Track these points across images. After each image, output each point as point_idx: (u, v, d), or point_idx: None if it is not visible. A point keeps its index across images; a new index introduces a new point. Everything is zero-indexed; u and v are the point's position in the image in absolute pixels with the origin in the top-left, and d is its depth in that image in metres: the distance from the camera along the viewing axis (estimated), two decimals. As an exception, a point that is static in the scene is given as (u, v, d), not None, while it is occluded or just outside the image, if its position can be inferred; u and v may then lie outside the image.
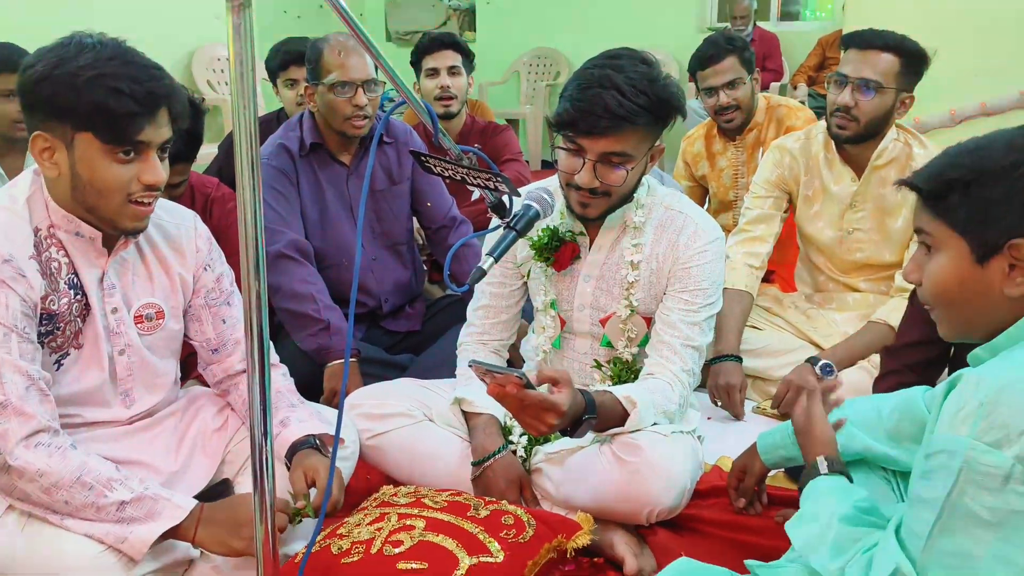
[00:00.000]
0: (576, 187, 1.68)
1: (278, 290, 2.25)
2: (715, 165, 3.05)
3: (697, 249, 1.77)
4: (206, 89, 5.23)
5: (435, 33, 3.25)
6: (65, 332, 1.48)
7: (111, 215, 1.44)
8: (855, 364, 2.26)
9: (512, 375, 1.38)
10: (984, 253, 1.06)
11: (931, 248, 1.12)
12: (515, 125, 6.47)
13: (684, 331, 1.75)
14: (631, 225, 1.80)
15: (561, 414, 1.43)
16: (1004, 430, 0.93)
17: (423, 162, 1.48)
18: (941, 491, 0.97)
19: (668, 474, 1.63)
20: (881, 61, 2.21)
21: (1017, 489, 0.92)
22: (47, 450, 1.36)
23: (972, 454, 0.94)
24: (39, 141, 1.39)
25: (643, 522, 1.66)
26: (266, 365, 1.03)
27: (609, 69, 1.61)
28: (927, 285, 1.13)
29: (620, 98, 1.57)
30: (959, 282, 1.09)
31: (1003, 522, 0.93)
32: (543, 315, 1.89)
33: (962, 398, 0.98)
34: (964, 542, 0.96)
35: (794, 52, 6.31)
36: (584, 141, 1.63)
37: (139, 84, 1.37)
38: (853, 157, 2.37)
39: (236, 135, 0.95)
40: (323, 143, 2.41)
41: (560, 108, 1.65)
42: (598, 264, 1.83)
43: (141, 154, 1.41)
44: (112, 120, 1.36)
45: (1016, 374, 0.97)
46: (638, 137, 1.64)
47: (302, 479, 1.53)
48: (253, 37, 0.93)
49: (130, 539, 1.37)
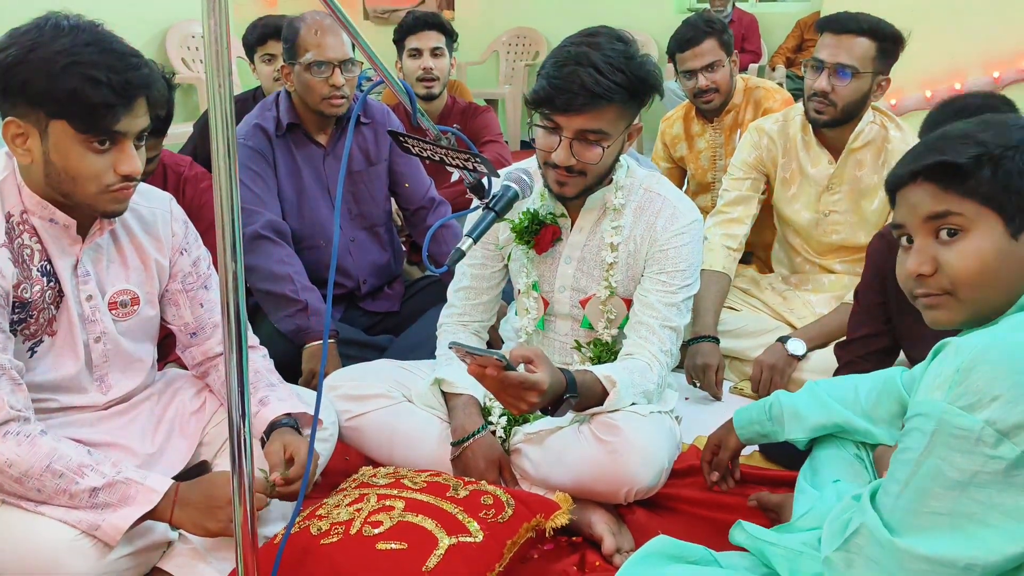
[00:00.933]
0: (553, 165, 1.68)
1: (255, 271, 2.23)
2: (693, 147, 3.06)
3: (675, 231, 1.78)
4: (181, 67, 5.15)
5: (419, 12, 3.20)
6: (38, 320, 1.46)
7: (88, 201, 1.41)
8: (827, 345, 2.28)
9: (492, 357, 1.39)
10: (1019, 225, 1.06)
11: (959, 231, 1.09)
12: (494, 105, 6.44)
13: (662, 312, 1.76)
14: (611, 207, 1.81)
15: (542, 392, 1.44)
16: (977, 395, 0.96)
17: (401, 142, 1.47)
18: (915, 452, 1.01)
19: (646, 454, 1.64)
20: (857, 46, 2.22)
21: (985, 451, 0.95)
22: (16, 439, 1.34)
23: (945, 417, 0.97)
24: (11, 127, 1.35)
25: (621, 501, 1.68)
26: (243, 346, 1.03)
27: (586, 47, 1.61)
28: (959, 268, 1.09)
29: (597, 75, 1.58)
30: (998, 258, 1.07)
31: (970, 481, 0.96)
32: (526, 297, 1.89)
33: (943, 364, 1.01)
34: (932, 500, 0.99)
35: (772, 33, 6.32)
36: (560, 118, 1.63)
37: (117, 73, 1.33)
38: (830, 140, 2.38)
39: (211, 114, 0.94)
40: (300, 123, 2.38)
41: (537, 86, 1.65)
42: (579, 246, 1.84)
43: (117, 143, 1.38)
44: (88, 109, 1.33)
45: (992, 341, 0.99)
46: (614, 114, 1.64)
47: (280, 452, 1.53)
48: (229, 14, 0.91)
49: (103, 526, 1.36)
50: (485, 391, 1.80)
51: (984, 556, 0.95)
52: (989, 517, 0.96)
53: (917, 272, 1.12)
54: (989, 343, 0.99)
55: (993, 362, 0.96)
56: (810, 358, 2.26)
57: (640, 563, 1.27)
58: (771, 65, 6.05)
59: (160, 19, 5.14)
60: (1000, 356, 0.97)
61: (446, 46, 3.12)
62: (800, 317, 2.45)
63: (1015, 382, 0.94)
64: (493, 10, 6.86)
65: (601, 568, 1.59)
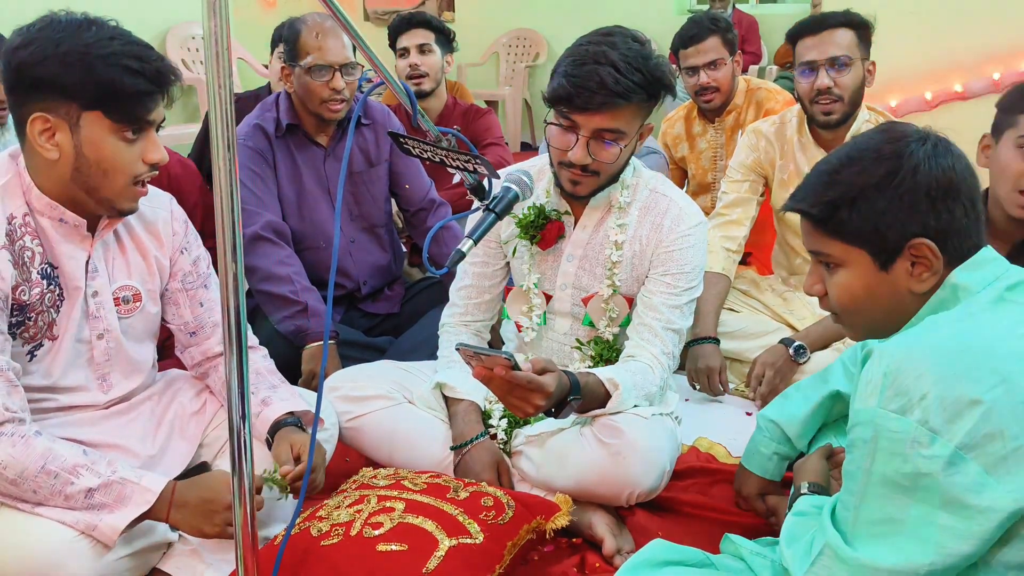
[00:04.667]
0: (568, 165, 1.68)
1: (255, 272, 2.23)
2: (694, 147, 3.06)
3: (681, 233, 1.78)
4: (181, 68, 5.13)
5: (405, 13, 3.20)
6: (37, 323, 1.45)
7: (113, 196, 1.42)
8: (828, 346, 2.28)
9: (500, 357, 1.39)
10: (886, 259, 1.10)
11: (832, 266, 1.15)
12: (494, 106, 6.43)
13: (665, 314, 1.76)
14: (616, 205, 1.80)
15: (548, 395, 1.44)
16: (906, 396, 0.97)
17: (402, 144, 1.47)
18: (861, 462, 1.02)
19: (649, 456, 1.64)
20: (839, 36, 2.26)
21: (922, 452, 0.96)
22: (10, 440, 1.34)
23: (879, 421, 0.99)
24: (38, 123, 1.35)
25: (623, 504, 1.68)
26: (243, 347, 1.03)
27: (604, 46, 1.61)
28: (834, 298, 1.16)
29: (616, 74, 1.58)
30: (867, 291, 1.13)
31: (915, 485, 0.97)
32: (528, 293, 1.89)
33: (871, 370, 1.02)
34: (886, 508, 1.00)
35: (773, 35, 6.32)
36: (578, 117, 1.63)
37: (147, 63, 1.36)
38: (827, 140, 2.38)
39: (211, 115, 0.94)
40: (300, 124, 2.38)
41: (555, 83, 1.65)
42: (582, 244, 1.84)
43: (144, 132, 1.41)
44: (126, 98, 1.35)
45: (913, 342, 1.02)
46: (631, 114, 1.64)
47: (288, 450, 1.53)
48: (229, 15, 0.91)
49: (100, 526, 1.36)
50: (486, 395, 1.80)
51: (942, 560, 0.97)
52: (938, 518, 0.97)
53: (809, 292, 1.21)
54: (911, 344, 1.01)
55: (916, 361, 0.98)
56: (811, 360, 2.26)
57: (637, 567, 1.28)
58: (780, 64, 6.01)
59: (160, 20, 5.14)
60: (923, 355, 0.99)
61: (435, 43, 3.10)
62: (800, 318, 2.45)
63: (938, 378, 0.96)
64: (493, 11, 6.85)
65: (601, 570, 1.59)
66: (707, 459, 1.99)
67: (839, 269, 1.14)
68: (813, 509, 1.22)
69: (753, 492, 1.66)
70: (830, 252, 1.14)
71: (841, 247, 1.13)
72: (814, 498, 1.28)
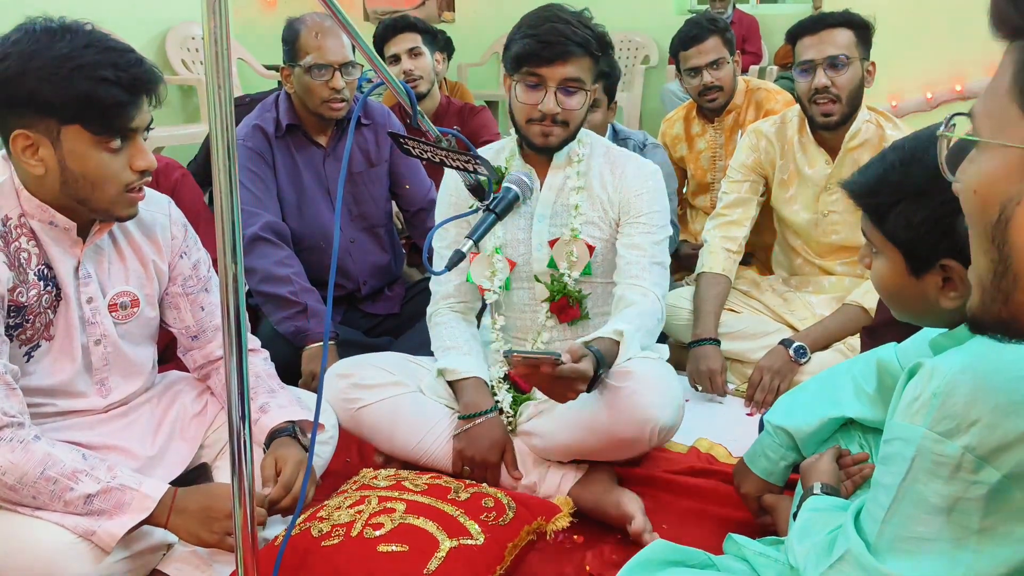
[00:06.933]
0: (538, 120, 1.81)
1: (254, 273, 2.23)
2: (693, 147, 3.06)
3: (644, 177, 1.91)
4: (181, 68, 5.15)
5: (388, 20, 3.18)
6: (35, 324, 1.45)
7: (107, 205, 1.41)
8: (829, 346, 2.28)
9: (549, 357, 1.48)
10: (918, 267, 1.11)
11: (875, 250, 1.18)
12: (494, 106, 6.42)
13: (649, 249, 1.86)
14: (576, 159, 1.92)
15: (588, 379, 1.54)
16: (955, 420, 0.95)
17: (402, 144, 1.47)
18: (896, 477, 1.00)
19: (662, 387, 1.66)
20: (838, 36, 2.26)
21: (966, 477, 0.94)
22: (9, 445, 1.33)
23: (925, 443, 0.97)
24: (20, 140, 1.34)
25: (646, 446, 1.67)
26: (243, 349, 1.02)
27: (553, 10, 1.81)
28: (872, 278, 1.20)
29: (572, 28, 1.77)
30: (898, 288, 1.15)
31: (953, 507, 0.95)
32: (490, 258, 1.92)
33: (918, 387, 1.00)
34: (916, 526, 0.98)
35: (773, 35, 6.31)
36: (545, 70, 1.78)
37: (123, 71, 1.33)
38: (827, 140, 2.38)
39: (211, 115, 0.93)
40: (300, 124, 2.38)
41: (519, 45, 1.79)
42: (550, 203, 1.92)
43: (129, 140, 1.39)
44: (102, 110, 1.32)
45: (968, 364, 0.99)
46: (587, 66, 1.81)
47: (272, 467, 1.52)
48: (229, 15, 0.91)
49: (99, 532, 1.35)
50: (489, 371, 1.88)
51: None
52: (973, 542, 0.95)
53: (860, 262, 1.24)
54: (964, 366, 0.98)
55: (970, 385, 0.95)
56: (811, 361, 2.26)
57: (639, 568, 1.27)
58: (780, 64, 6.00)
59: (160, 21, 5.13)
60: (976, 379, 0.96)
61: (424, 44, 3.09)
62: (801, 319, 2.44)
63: (993, 406, 0.93)
64: (493, 12, 6.84)
65: (601, 571, 1.59)
66: (707, 459, 1.99)
67: (879, 256, 1.17)
68: (829, 507, 1.21)
69: (752, 492, 1.66)
70: (872, 238, 1.17)
71: (881, 239, 1.15)
72: (828, 499, 1.27)
